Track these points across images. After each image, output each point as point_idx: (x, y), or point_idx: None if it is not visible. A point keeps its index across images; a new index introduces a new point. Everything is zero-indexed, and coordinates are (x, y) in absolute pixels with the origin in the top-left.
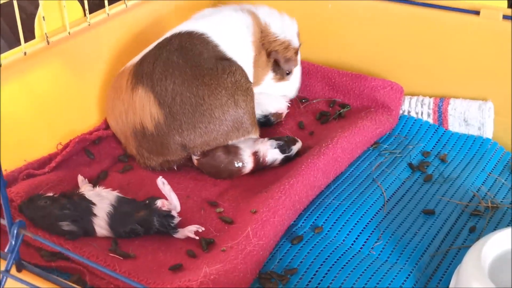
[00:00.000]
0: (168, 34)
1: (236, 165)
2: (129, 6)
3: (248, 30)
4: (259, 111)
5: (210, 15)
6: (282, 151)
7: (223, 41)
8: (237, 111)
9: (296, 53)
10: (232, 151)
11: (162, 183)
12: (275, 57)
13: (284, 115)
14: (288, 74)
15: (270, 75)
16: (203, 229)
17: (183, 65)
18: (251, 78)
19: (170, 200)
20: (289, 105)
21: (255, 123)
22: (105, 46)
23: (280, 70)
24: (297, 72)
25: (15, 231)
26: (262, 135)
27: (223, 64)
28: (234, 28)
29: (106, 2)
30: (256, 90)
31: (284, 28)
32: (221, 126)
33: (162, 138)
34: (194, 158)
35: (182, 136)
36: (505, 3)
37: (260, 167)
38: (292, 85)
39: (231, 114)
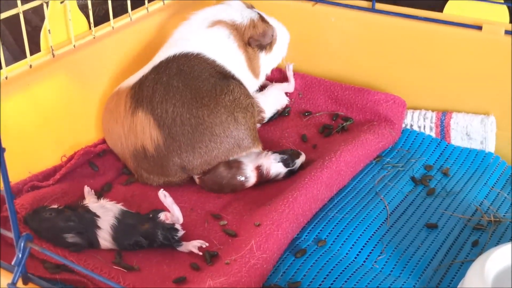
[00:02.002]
0: (162, 55)
1: (239, 180)
2: (134, 19)
3: (230, 38)
4: (269, 113)
5: (193, 35)
6: (286, 165)
7: (219, 56)
8: (237, 128)
9: (263, 21)
10: (234, 166)
11: (163, 195)
12: (254, 42)
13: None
14: (271, 43)
15: (261, 58)
16: (207, 244)
17: (183, 89)
18: (250, 82)
19: (172, 212)
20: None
21: (256, 138)
22: (110, 59)
23: (265, 46)
24: (276, 32)
25: (22, 244)
26: (265, 147)
27: (221, 85)
28: (221, 42)
29: (111, 15)
30: (259, 82)
31: (242, 12)
32: (222, 144)
33: (162, 160)
34: (196, 177)
35: (181, 158)
36: (507, 18)
37: (264, 180)
38: (283, 46)
39: (232, 131)
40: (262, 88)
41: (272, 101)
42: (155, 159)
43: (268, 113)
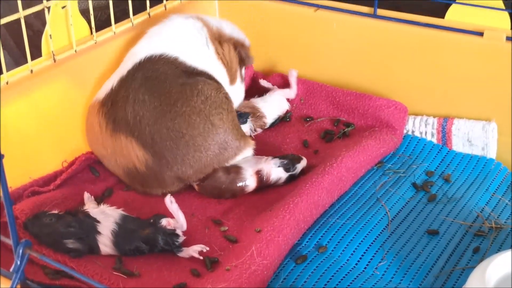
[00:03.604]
0: (129, 62)
1: (238, 185)
2: (135, 24)
3: (201, 31)
4: (271, 119)
5: (160, 31)
6: (287, 169)
7: (182, 52)
8: (217, 132)
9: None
10: (233, 170)
11: (170, 201)
12: (241, 53)
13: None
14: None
15: (239, 70)
16: (208, 249)
17: (152, 101)
18: (221, 75)
19: (177, 219)
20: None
21: (241, 135)
22: (111, 64)
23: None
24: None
25: (21, 251)
26: (267, 152)
27: (190, 84)
28: (187, 34)
29: (112, 20)
30: (232, 87)
31: (233, 30)
32: (207, 152)
33: (156, 175)
34: (194, 184)
35: (173, 171)
36: (509, 25)
37: (264, 185)
38: (242, 85)
39: (213, 138)
40: (264, 92)
41: (274, 106)
42: (149, 175)
43: (269, 119)
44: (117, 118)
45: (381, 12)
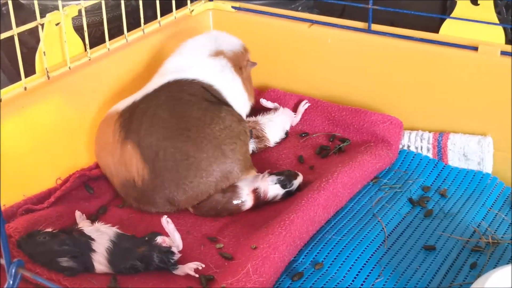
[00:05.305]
0: (156, 82)
1: (235, 204)
2: (130, 40)
3: (227, 66)
4: (273, 142)
5: (191, 64)
6: (283, 186)
7: (215, 82)
8: (224, 161)
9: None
10: (229, 190)
11: (166, 222)
12: (252, 65)
13: None
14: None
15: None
16: (203, 266)
17: (169, 119)
18: (245, 104)
19: (173, 239)
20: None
21: (248, 166)
22: (105, 81)
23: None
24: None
25: (14, 271)
26: (262, 168)
27: (213, 111)
28: (220, 70)
29: (106, 37)
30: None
31: (233, 40)
32: (208, 178)
33: (149, 193)
34: (189, 207)
35: (165, 193)
36: (503, 39)
37: (261, 203)
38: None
39: (218, 164)
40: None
41: (279, 128)
42: (143, 191)
43: (272, 142)
44: (131, 127)
45: (375, 27)
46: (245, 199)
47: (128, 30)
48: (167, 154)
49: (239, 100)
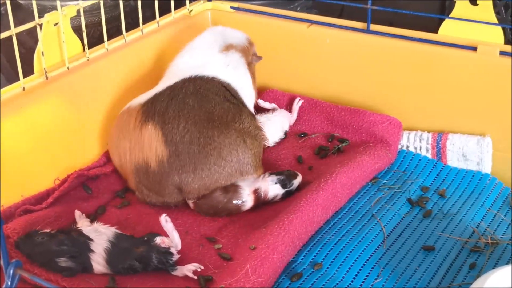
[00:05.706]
0: (176, 77)
1: (235, 204)
2: (128, 41)
3: (241, 60)
4: (272, 142)
5: (206, 59)
6: (283, 185)
7: (232, 80)
8: (245, 151)
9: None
10: (231, 190)
11: (165, 221)
12: (257, 59)
13: None
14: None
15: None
16: (202, 267)
17: (198, 109)
18: (253, 101)
19: (172, 239)
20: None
21: (259, 165)
22: (104, 81)
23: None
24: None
25: (12, 271)
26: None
27: (233, 111)
28: (235, 65)
29: (105, 37)
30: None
31: (239, 34)
32: (225, 168)
33: (162, 177)
34: (190, 202)
35: (181, 178)
36: (502, 39)
37: (261, 203)
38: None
39: (239, 154)
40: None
41: (278, 128)
42: (155, 176)
43: (271, 142)
44: (154, 110)
45: (374, 27)
46: (246, 199)
47: (127, 30)
48: (193, 138)
49: (250, 98)
